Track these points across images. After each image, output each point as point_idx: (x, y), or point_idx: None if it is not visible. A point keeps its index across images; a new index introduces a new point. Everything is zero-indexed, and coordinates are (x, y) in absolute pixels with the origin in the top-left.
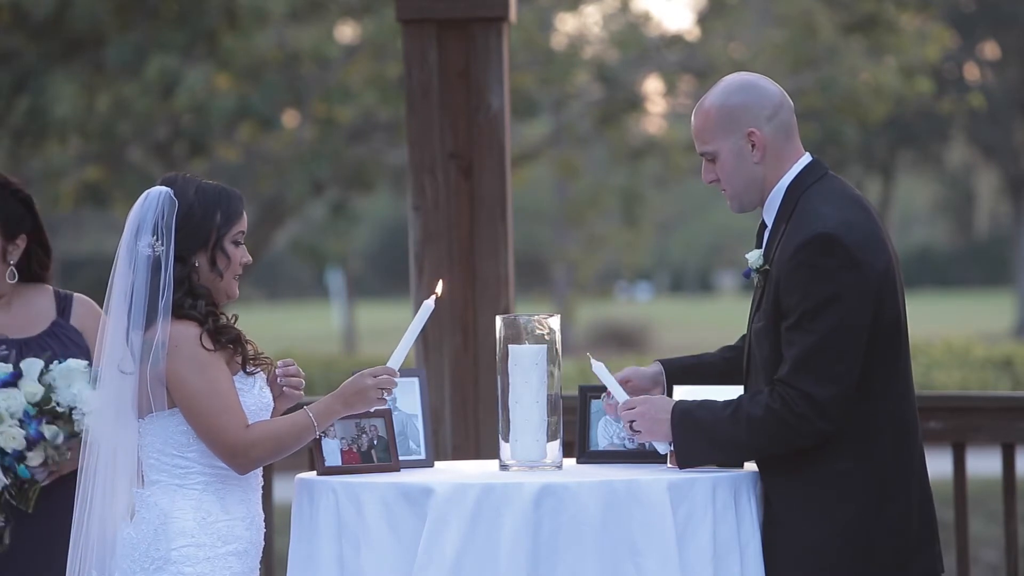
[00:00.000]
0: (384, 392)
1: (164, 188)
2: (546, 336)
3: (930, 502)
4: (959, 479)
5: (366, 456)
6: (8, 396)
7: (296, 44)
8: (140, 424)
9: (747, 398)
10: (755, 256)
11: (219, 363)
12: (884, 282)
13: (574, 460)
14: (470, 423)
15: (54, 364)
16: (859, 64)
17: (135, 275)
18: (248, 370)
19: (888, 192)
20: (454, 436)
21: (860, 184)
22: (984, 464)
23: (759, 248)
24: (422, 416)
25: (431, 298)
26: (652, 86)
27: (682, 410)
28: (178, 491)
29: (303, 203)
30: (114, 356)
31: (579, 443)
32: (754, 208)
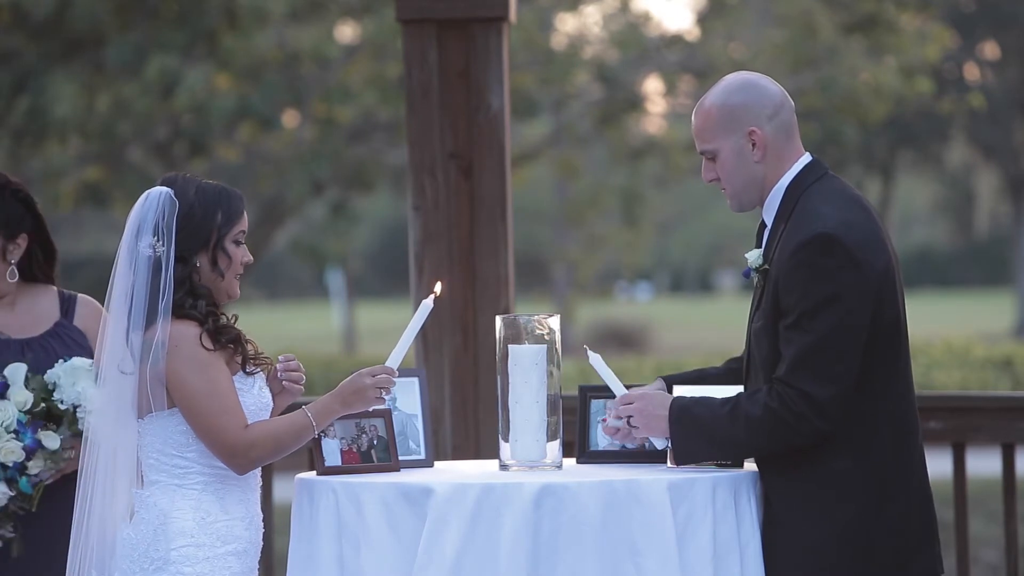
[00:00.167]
0: (383, 391)
1: (164, 188)
2: (546, 336)
3: (930, 502)
4: (959, 479)
5: (366, 456)
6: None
7: (296, 44)
8: (140, 424)
9: (745, 396)
10: (755, 256)
11: (219, 363)
12: (884, 282)
13: (574, 460)
14: (470, 423)
15: (58, 363)
16: (859, 64)
17: (135, 275)
18: (248, 370)
19: (888, 192)
20: (454, 436)
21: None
22: (984, 464)
23: (759, 248)
24: (422, 416)
25: (429, 297)
26: (652, 86)
27: (680, 407)
28: (177, 491)
29: (303, 203)
30: (114, 356)
31: (579, 443)
32: (754, 207)
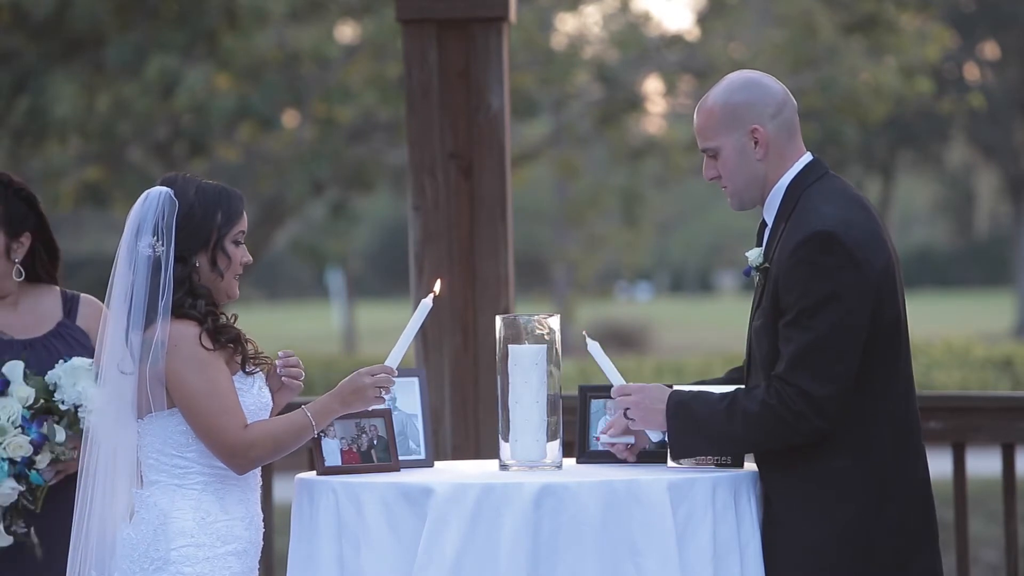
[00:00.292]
0: (382, 391)
1: (164, 188)
2: (546, 336)
3: (930, 502)
4: (959, 479)
5: (366, 456)
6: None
7: (296, 44)
8: (139, 424)
9: (743, 392)
10: (755, 254)
11: (218, 363)
12: (884, 281)
13: (574, 460)
14: (470, 423)
15: (60, 363)
16: (859, 64)
17: (135, 275)
18: (248, 370)
19: (888, 192)
20: (454, 436)
21: (860, 184)
22: (984, 464)
23: (759, 247)
24: (422, 416)
25: (429, 296)
26: (652, 86)
27: (677, 401)
28: (177, 491)
29: (303, 203)
30: (114, 356)
31: (579, 443)
32: (754, 206)
